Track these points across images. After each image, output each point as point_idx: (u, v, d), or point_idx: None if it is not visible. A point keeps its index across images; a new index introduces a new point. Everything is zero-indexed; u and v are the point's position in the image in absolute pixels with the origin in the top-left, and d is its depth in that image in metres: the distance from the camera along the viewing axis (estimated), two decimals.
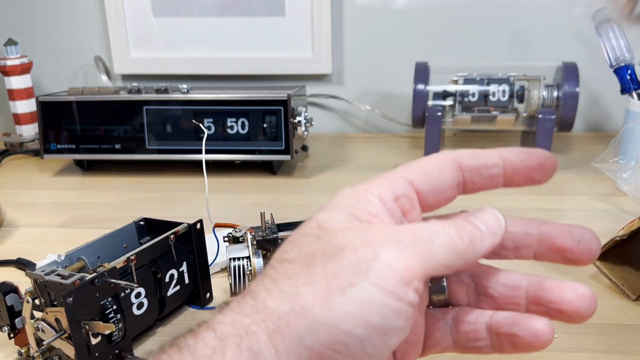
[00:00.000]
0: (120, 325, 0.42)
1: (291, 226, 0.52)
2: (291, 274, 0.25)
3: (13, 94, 1.03)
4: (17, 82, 1.03)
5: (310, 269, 0.25)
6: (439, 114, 0.93)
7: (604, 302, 0.51)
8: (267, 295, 0.25)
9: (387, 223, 0.27)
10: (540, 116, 0.87)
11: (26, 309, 0.42)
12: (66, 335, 0.40)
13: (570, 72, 0.88)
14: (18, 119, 1.05)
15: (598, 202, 0.76)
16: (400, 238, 0.25)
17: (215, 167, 0.88)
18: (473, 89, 0.91)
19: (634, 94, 0.80)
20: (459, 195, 0.29)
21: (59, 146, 0.92)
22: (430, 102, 0.94)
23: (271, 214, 0.53)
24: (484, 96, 0.91)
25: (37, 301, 0.42)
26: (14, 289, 0.44)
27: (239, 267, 0.49)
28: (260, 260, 0.49)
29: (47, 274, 0.41)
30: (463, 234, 0.26)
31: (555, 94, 0.90)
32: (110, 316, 0.41)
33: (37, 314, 0.42)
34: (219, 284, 0.56)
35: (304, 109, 0.90)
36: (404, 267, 0.24)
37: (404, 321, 0.25)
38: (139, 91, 0.91)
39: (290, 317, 0.24)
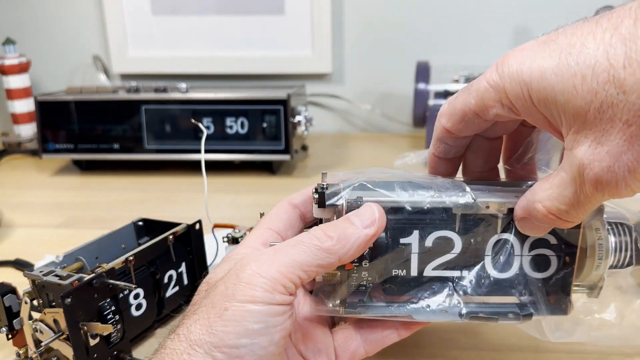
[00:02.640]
0: (118, 326, 0.42)
1: None
2: (185, 321, 0.31)
3: (11, 94, 1.03)
4: (15, 82, 1.02)
5: (197, 310, 0.31)
6: None
7: (605, 302, 0.51)
8: (171, 342, 0.30)
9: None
10: None
11: (24, 310, 0.42)
12: (64, 336, 0.39)
13: None
14: (16, 119, 1.04)
15: None
16: (259, 256, 0.31)
17: (215, 167, 0.88)
18: None
19: None
20: None
21: (57, 146, 0.91)
22: (431, 102, 0.94)
23: None
24: None
25: (35, 302, 0.42)
26: (12, 290, 0.43)
27: None
28: None
29: (45, 275, 0.41)
30: (331, 232, 0.32)
31: None
32: (108, 317, 0.41)
33: (35, 315, 0.42)
34: None
35: (303, 109, 0.89)
36: (263, 279, 0.30)
37: (280, 319, 0.30)
38: (137, 90, 0.90)
39: (190, 351, 0.29)
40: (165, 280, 0.48)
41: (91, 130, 0.90)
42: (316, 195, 0.35)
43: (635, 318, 0.38)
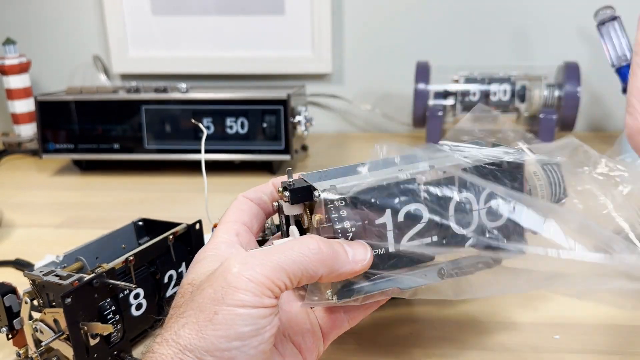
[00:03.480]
0: (118, 326, 0.42)
1: None
2: (171, 324, 0.31)
3: (11, 94, 1.03)
4: (15, 82, 1.02)
5: (184, 314, 0.31)
6: (440, 113, 0.92)
7: (605, 302, 0.51)
8: (159, 346, 0.30)
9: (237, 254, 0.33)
10: (541, 116, 0.87)
11: (24, 310, 0.42)
12: (64, 336, 0.39)
13: (571, 72, 0.88)
14: (16, 119, 1.04)
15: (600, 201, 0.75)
16: (247, 258, 0.31)
17: (215, 167, 0.88)
18: (474, 88, 0.91)
19: None
20: None
21: (57, 146, 0.91)
22: (431, 102, 0.94)
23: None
24: (485, 95, 0.91)
25: (35, 302, 0.42)
26: (12, 290, 0.43)
27: None
28: None
29: (45, 275, 0.41)
30: (324, 246, 0.32)
31: (556, 93, 0.90)
32: (108, 317, 0.41)
33: (36, 315, 0.42)
34: None
35: (303, 109, 0.89)
36: (252, 284, 0.30)
37: (268, 320, 0.30)
38: (137, 90, 0.90)
39: (181, 356, 0.29)
40: (166, 280, 0.48)
41: (91, 130, 0.90)
42: (287, 193, 0.35)
43: None
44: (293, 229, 0.36)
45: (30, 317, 0.42)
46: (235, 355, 0.29)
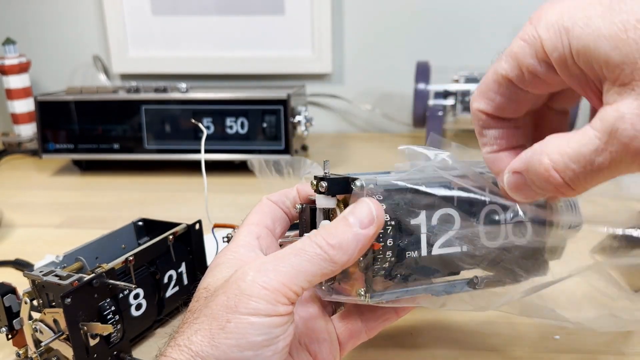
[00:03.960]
0: (118, 326, 0.42)
1: (292, 227, 0.51)
2: (185, 329, 0.30)
3: (11, 94, 1.03)
4: (15, 82, 1.02)
5: (197, 320, 0.30)
6: (440, 113, 0.92)
7: (604, 302, 0.51)
8: (171, 350, 0.30)
9: (256, 259, 0.32)
10: None
11: (24, 310, 0.42)
12: (64, 336, 0.39)
13: None
14: (16, 119, 1.04)
15: (601, 200, 0.75)
16: (261, 265, 0.30)
17: (215, 167, 0.88)
18: (474, 88, 0.91)
19: None
20: None
21: (57, 146, 0.91)
22: (431, 102, 0.94)
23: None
24: None
25: (35, 302, 0.42)
26: (12, 290, 0.43)
27: None
28: None
29: (45, 275, 0.41)
30: (333, 240, 0.30)
31: None
32: (108, 317, 0.41)
33: (35, 315, 0.42)
34: None
35: (303, 109, 0.89)
36: (266, 291, 0.29)
37: (283, 329, 0.30)
38: (137, 90, 0.90)
39: None
40: (165, 280, 0.48)
41: (91, 130, 0.90)
42: (324, 183, 0.33)
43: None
44: (325, 223, 0.34)
45: (30, 317, 0.42)
46: None
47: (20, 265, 0.61)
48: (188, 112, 0.88)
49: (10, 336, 0.43)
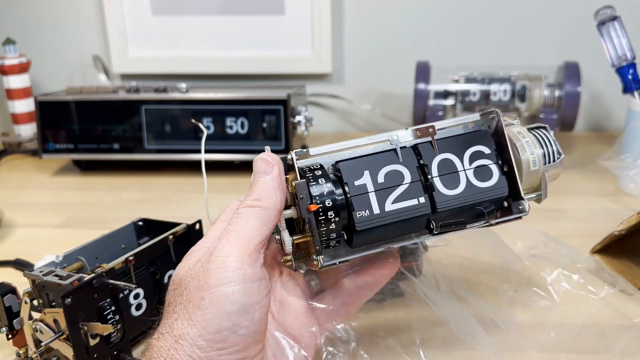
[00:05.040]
0: (118, 326, 0.42)
1: None
2: (165, 320, 0.32)
3: (11, 94, 1.03)
4: (15, 82, 1.02)
5: (175, 310, 0.32)
6: (440, 113, 0.92)
7: (604, 302, 0.51)
8: (156, 341, 0.31)
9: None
10: (542, 116, 0.87)
11: (24, 310, 0.42)
12: (64, 336, 0.39)
13: (571, 72, 0.88)
14: (16, 119, 1.04)
15: (601, 201, 0.75)
16: (218, 243, 0.32)
17: (215, 167, 0.88)
18: (474, 88, 0.91)
19: (635, 93, 0.79)
20: None
21: (57, 146, 0.91)
22: (431, 102, 0.94)
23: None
24: (485, 95, 0.91)
25: (35, 302, 0.42)
26: (12, 290, 0.43)
27: None
28: None
29: (45, 275, 0.41)
30: (254, 194, 0.34)
31: (556, 93, 0.90)
32: (108, 317, 0.41)
33: (35, 315, 0.42)
34: None
35: (303, 109, 0.89)
36: (229, 258, 0.31)
37: (256, 296, 0.31)
38: (137, 90, 0.90)
39: (176, 346, 0.30)
40: (166, 280, 0.48)
41: (91, 130, 0.90)
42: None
43: None
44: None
45: (30, 317, 0.42)
46: (226, 336, 0.30)
47: (21, 265, 0.61)
48: (188, 112, 0.88)
49: (10, 336, 0.43)
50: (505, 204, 0.39)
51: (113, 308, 0.41)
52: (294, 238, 0.36)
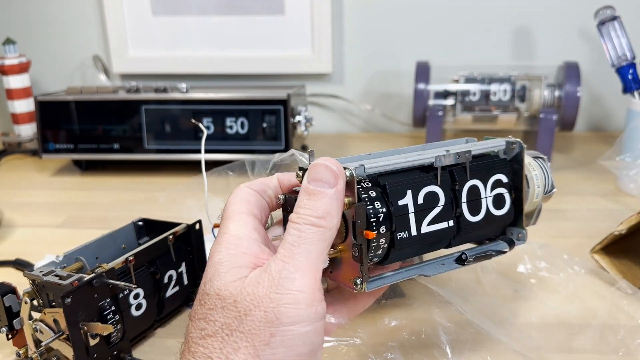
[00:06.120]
0: (118, 326, 0.42)
1: None
2: (218, 346, 0.29)
3: (11, 94, 1.03)
4: (15, 82, 1.02)
5: (232, 337, 0.28)
6: (440, 113, 0.92)
7: (603, 303, 0.51)
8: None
9: (262, 254, 0.32)
10: (542, 116, 0.87)
11: (24, 310, 0.42)
12: (64, 336, 0.39)
13: (571, 72, 0.88)
14: (16, 119, 1.04)
15: (601, 201, 0.75)
16: (282, 272, 0.29)
17: (215, 167, 0.88)
18: (474, 88, 0.91)
19: (635, 93, 0.79)
20: None
21: (57, 146, 0.91)
22: (431, 102, 0.94)
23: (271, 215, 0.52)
24: (485, 95, 0.91)
25: (35, 302, 0.42)
26: (12, 290, 0.43)
27: None
28: None
29: (45, 275, 0.41)
30: (318, 211, 0.30)
31: (556, 93, 0.90)
32: (108, 317, 0.41)
33: (35, 315, 0.42)
34: None
35: (303, 109, 0.89)
36: (303, 294, 0.28)
37: (323, 333, 0.29)
38: (137, 91, 0.90)
39: None
40: (165, 280, 0.48)
41: (91, 130, 0.90)
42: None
43: None
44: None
45: (30, 317, 0.42)
46: None
47: (21, 265, 0.61)
48: (188, 112, 0.88)
49: (10, 336, 0.43)
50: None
51: (113, 308, 0.41)
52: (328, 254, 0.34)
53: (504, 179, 0.39)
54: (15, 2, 1.18)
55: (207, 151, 0.86)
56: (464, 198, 0.37)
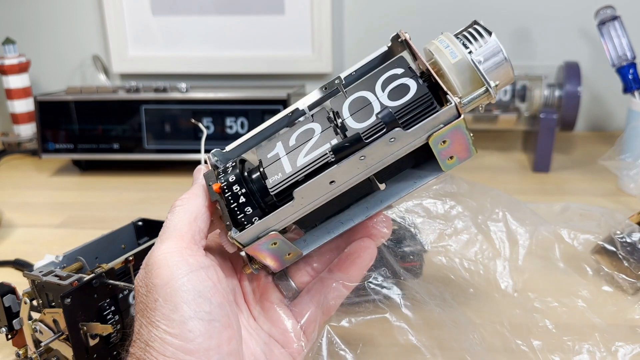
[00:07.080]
0: (118, 326, 0.42)
1: None
2: (134, 329, 0.32)
3: (11, 93, 1.03)
4: (14, 82, 1.02)
5: (137, 318, 0.32)
6: None
7: (603, 303, 0.51)
8: (132, 348, 0.32)
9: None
10: (542, 115, 0.87)
11: (24, 310, 0.42)
12: (64, 336, 0.39)
13: (572, 71, 0.88)
14: (16, 119, 1.04)
15: (601, 201, 0.75)
16: (155, 248, 0.33)
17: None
18: None
19: (636, 93, 0.79)
20: None
21: (56, 146, 0.91)
22: None
23: None
24: None
25: (35, 302, 0.42)
26: (11, 290, 0.43)
27: None
28: None
29: (44, 275, 0.41)
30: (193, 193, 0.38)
31: (557, 93, 0.89)
32: (108, 317, 0.41)
33: (35, 315, 0.42)
34: None
35: None
36: (166, 254, 0.32)
37: (208, 281, 0.32)
38: (137, 90, 0.90)
39: (148, 349, 0.30)
40: None
41: (91, 130, 0.90)
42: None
43: None
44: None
45: (30, 317, 0.42)
46: (193, 326, 0.30)
47: (20, 265, 0.61)
48: (188, 112, 0.88)
49: (10, 336, 0.43)
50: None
51: (113, 308, 0.41)
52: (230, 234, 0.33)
53: (399, 70, 0.35)
54: (15, 2, 1.18)
55: (207, 151, 0.86)
56: (345, 114, 0.34)
